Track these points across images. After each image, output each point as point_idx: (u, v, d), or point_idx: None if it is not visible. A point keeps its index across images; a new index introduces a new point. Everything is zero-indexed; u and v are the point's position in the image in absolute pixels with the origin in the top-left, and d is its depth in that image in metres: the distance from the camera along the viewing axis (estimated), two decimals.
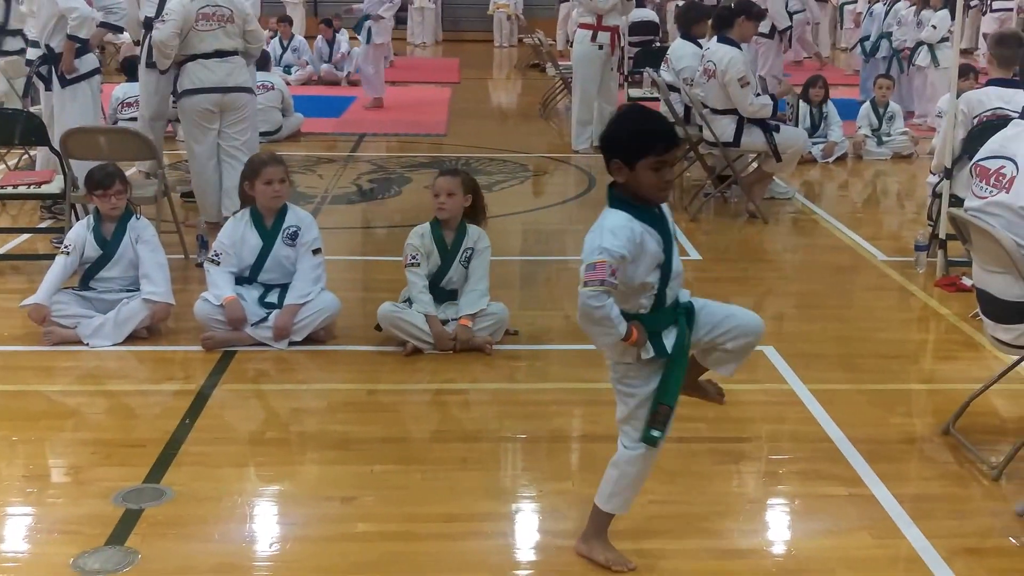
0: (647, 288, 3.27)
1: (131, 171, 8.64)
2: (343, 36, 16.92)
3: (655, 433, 3.37)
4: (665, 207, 3.32)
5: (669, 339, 3.32)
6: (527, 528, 3.84)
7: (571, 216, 8.69)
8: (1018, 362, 4.52)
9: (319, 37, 17.01)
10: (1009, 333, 4.21)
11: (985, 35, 12.80)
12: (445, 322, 5.42)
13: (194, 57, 7.41)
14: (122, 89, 10.78)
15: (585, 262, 3.19)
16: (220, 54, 7.43)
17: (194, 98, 7.46)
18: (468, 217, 5.55)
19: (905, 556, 3.63)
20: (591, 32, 10.90)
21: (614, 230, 3.19)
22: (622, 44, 11.39)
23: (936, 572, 3.52)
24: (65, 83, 7.64)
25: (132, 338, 5.48)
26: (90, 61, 7.79)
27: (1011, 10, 15.92)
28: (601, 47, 10.87)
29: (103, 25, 8.00)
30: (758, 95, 8.29)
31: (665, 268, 3.27)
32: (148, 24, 7.98)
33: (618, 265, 3.16)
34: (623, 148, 3.20)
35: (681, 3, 12.99)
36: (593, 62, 10.94)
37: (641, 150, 3.17)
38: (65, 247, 5.63)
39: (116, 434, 4.50)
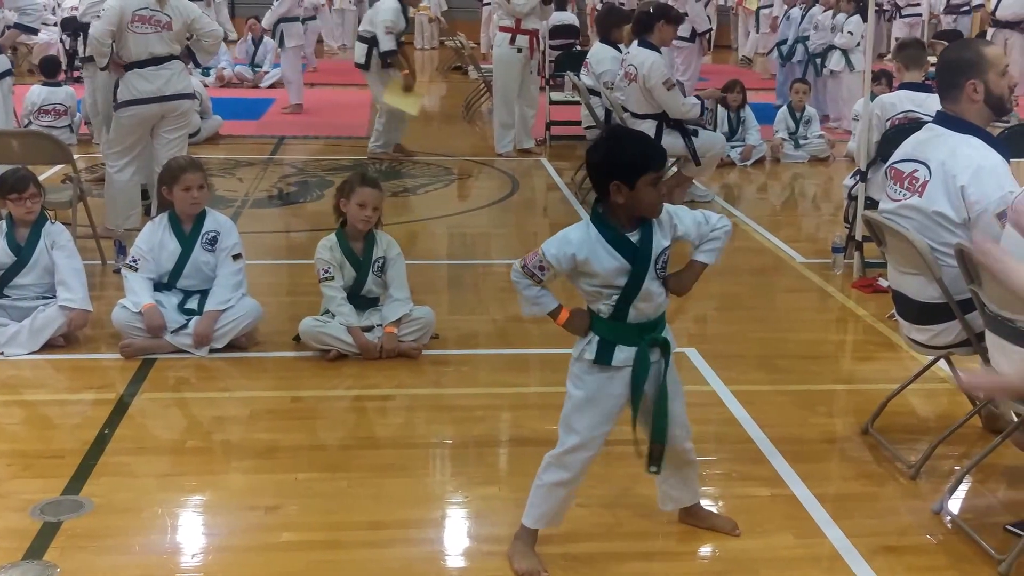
0: (603, 296, 3.37)
1: (43, 176, 8.49)
2: (270, 45, 16.53)
3: (652, 469, 3.55)
4: (659, 233, 3.39)
5: (622, 353, 3.41)
6: (454, 534, 3.84)
7: (496, 219, 8.70)
8: (933, 362, 4.62)
9: (247, 35, 16.79)
10: (924, 334, 4.30)
11: (896, 39, 13.05)
12: (369, 328, 5.39)
13: (131, 66, 7.27)
14: (39, 93, 10.59)
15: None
16: (156, 60, 7.29)
17: (131, 109, 7.33)
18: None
19: (827, 555, 3.68)
20: (510, 35, 10.94)
21: (564, 239, 3.36)
22: (542, 47, 11.42)
23: (857, 570, 3.58)
24: None
25: (49, 346, 5.38)
26: (1, 63, 7.63)
27: (919, 16, 16.24)
28: (520, 50, 10.91)
29: (16, 26, 7.85)
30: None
31: (627, 288, 3.34)
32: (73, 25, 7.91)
33: (547, 266, 3.33)
34: (625, 168, 3.28)
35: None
36: (512, 65, 10.98)
37: (642, 168, 3.27)
38: None
39: (33, 445, 4.41)
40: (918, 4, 16.19)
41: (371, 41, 10.54)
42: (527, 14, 10.83)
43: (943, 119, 4.26)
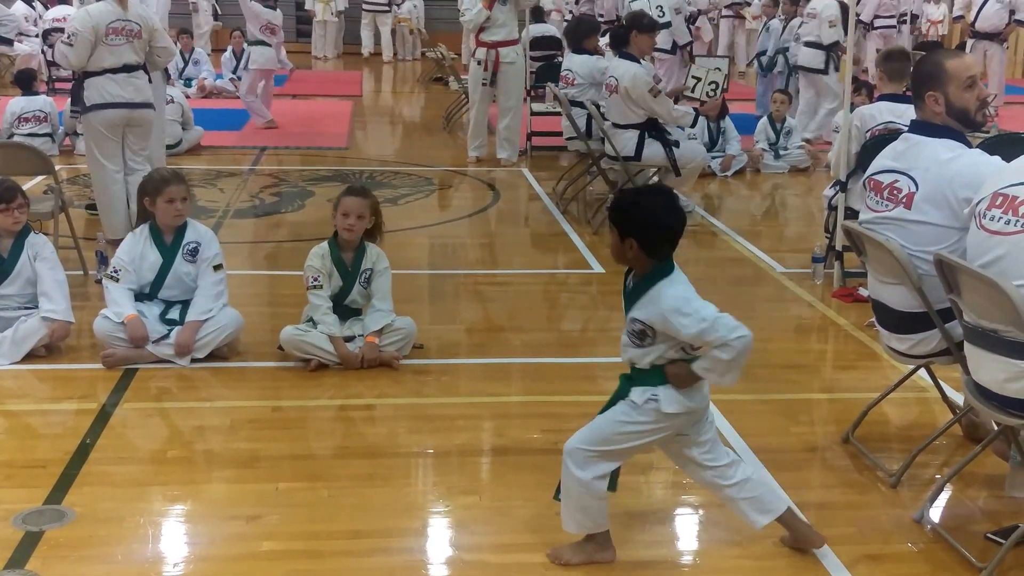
0: None
1: (25, 187, 8.46)
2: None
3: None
4: None
5: None
6: (435, 543, 3.84)
7: (477, 229, 8.72)
8: (913, 371, 4.64)
9: (228, 49, 16.72)
10: (904, 343, 4.32)
11: (878, 50, 13.06)
12: (351, 338, 5.39)
13: (103, 72, 7.27)
14: (18, 103, 10.57)
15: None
16: (128, 68, 7.30)
17: (102, 113, 7.31)
18: (366, 235, 5.51)
19: (808, 563, 3.69)
20: (473, 48, 11.22)
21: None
22: (506, 59, 11.32)
23: None
24: None
25: (31, 356, 5.37)
26: None
27: (894, 27, 16.29)
28: (479, 62, 11.01)
29: None
30: None
31: None
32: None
33: None
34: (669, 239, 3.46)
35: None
36: (473, 76, 11.27)
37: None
38: None
39: (15, 454, 4.39)
40: (891, 16, 16.24)
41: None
42: (472, 29, 11.00)
43: (916, 127, 4.30)
